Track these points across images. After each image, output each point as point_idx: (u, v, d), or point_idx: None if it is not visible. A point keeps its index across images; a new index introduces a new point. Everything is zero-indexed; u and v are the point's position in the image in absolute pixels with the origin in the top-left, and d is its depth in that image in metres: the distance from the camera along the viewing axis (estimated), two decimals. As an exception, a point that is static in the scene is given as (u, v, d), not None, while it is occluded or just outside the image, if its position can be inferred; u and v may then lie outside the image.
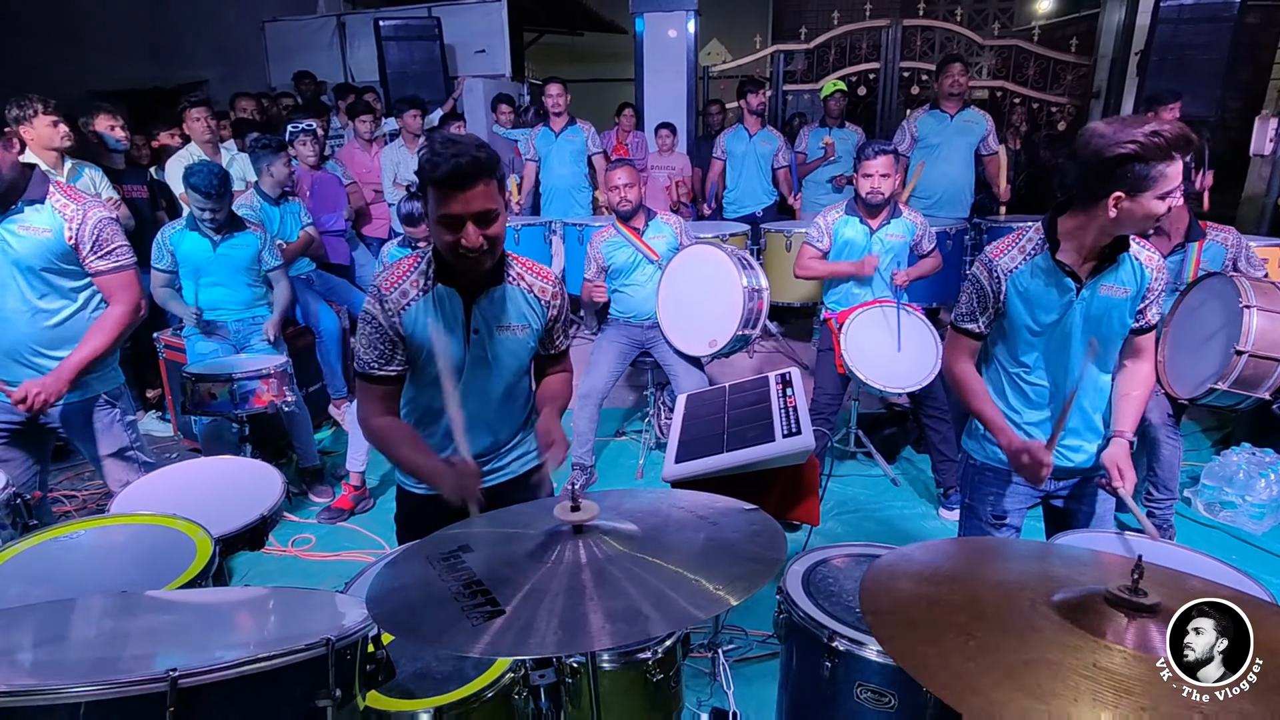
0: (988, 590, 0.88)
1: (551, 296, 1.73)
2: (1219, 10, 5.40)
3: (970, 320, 1.91)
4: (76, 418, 2.36)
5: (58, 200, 2.19)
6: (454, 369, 1.60)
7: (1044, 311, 1.83)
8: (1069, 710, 0.69)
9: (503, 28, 7.67)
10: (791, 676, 1.41)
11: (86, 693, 0.66)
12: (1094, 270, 1.78)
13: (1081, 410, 1.92)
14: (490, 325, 1.65)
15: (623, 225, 3.49)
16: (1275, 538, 3.34)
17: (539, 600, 0.83)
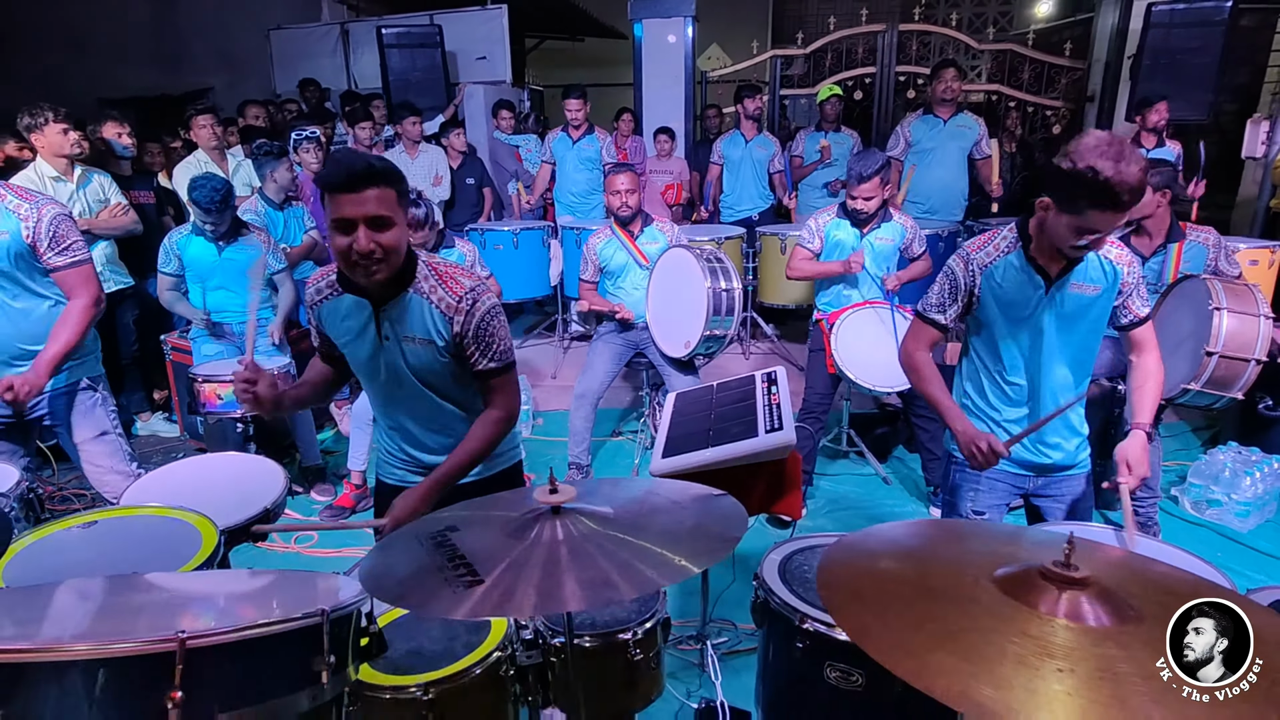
0: (937, 567, 0.95)
1: (455, 311, 1.64)
2: (1210, 14, 5.46)
3: (938, 311, 1.96)
4: (60, 404, 2.45)
5: (10, 201, 2.25)
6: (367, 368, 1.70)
7: (1016, 308, 1.87)
8: (994, 670, 0.76)
9: (503, 34, 7.76)
10: (767, 658, 1.48)
11: (103, 650, 0.73)
12: (1063, 270, 1.83)
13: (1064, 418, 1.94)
14: (397, 333, 1.65)
15: (619, 228, 3.56)
16: (1261, 535, 3.39)
17: (519, 571, 0.90)
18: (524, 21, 9.66)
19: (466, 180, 5.93)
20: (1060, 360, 1.92)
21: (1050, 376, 1.93)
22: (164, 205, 4.54)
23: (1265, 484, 3.39)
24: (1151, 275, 3.14)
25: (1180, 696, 0.73)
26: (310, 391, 1.86)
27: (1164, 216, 3.08)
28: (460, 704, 1.25)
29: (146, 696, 0.74)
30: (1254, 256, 4.34)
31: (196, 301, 3.56)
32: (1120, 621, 0.83)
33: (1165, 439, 4.27)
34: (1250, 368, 2.71)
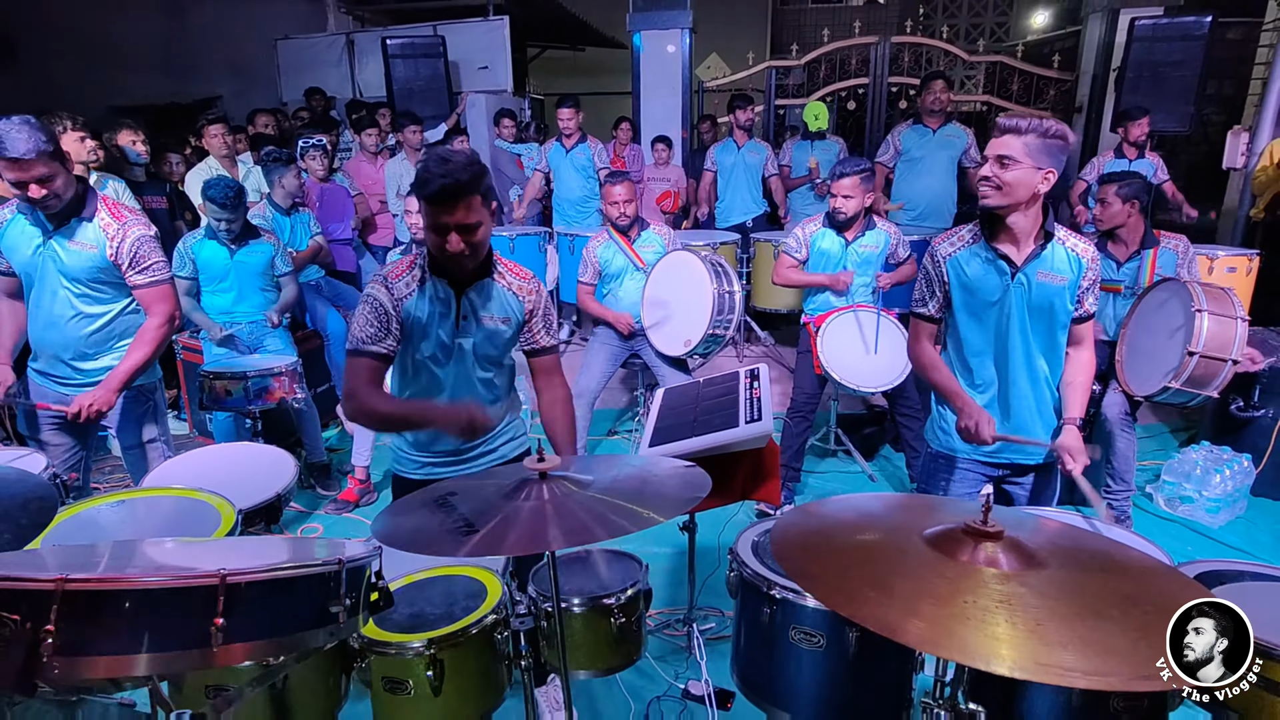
0: (876, 528, 1.09)
1: (529, 294, 1.94)
2: (1191, 29, 5.62)
3: (922, 305, 2.10)
4: (120, 406, 2.60)
5: (103, 218, 2.42)
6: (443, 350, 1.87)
7: (984, 293, 1.99)
8: (911, 603, 0.90)
9: (505, 44, 7.94)
10: (741, 626, 1.61)
11: (157, 581, 0.87)
12: (1028, 257, 1.94)
13: (1030, 404, 2.06)
14: (477, 313, 1.88)
15: (617, 233, 3.71)
16: (1232, 530, 3.52)
17: (509, 523, 1.05)
18: (525, 32, 9.85)
19: (468, 187, 6.08)
20: (1030, 348, 2.02)
21: (1019, 364, 2.02)
22: (177, 210, 4.69)
23: (1234, 481, 3.52)
24: (1129, 279, 3.28)
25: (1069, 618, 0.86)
26: None
27: (1137, 225, 3.22)
28: (458, 660, 1.39)
29: (194, 622, 0.88)
30: (1232, 264, 4.49)
31: (208, 303, 3.70)
32: (1026, 567, 0.97)
33: (1143, 439, 4.41)
34: (1227, 367, 2.84)
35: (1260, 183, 5.25)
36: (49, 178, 2.22)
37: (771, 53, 11.55)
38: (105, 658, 0.85)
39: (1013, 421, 2.08)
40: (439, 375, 1.91)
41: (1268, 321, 4.48)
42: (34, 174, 2.18)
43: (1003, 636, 0.84)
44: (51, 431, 2.53)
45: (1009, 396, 2.07)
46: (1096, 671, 0.77)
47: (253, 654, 0.93)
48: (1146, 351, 3.14)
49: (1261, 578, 1.51)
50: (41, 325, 2.47)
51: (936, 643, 0.85)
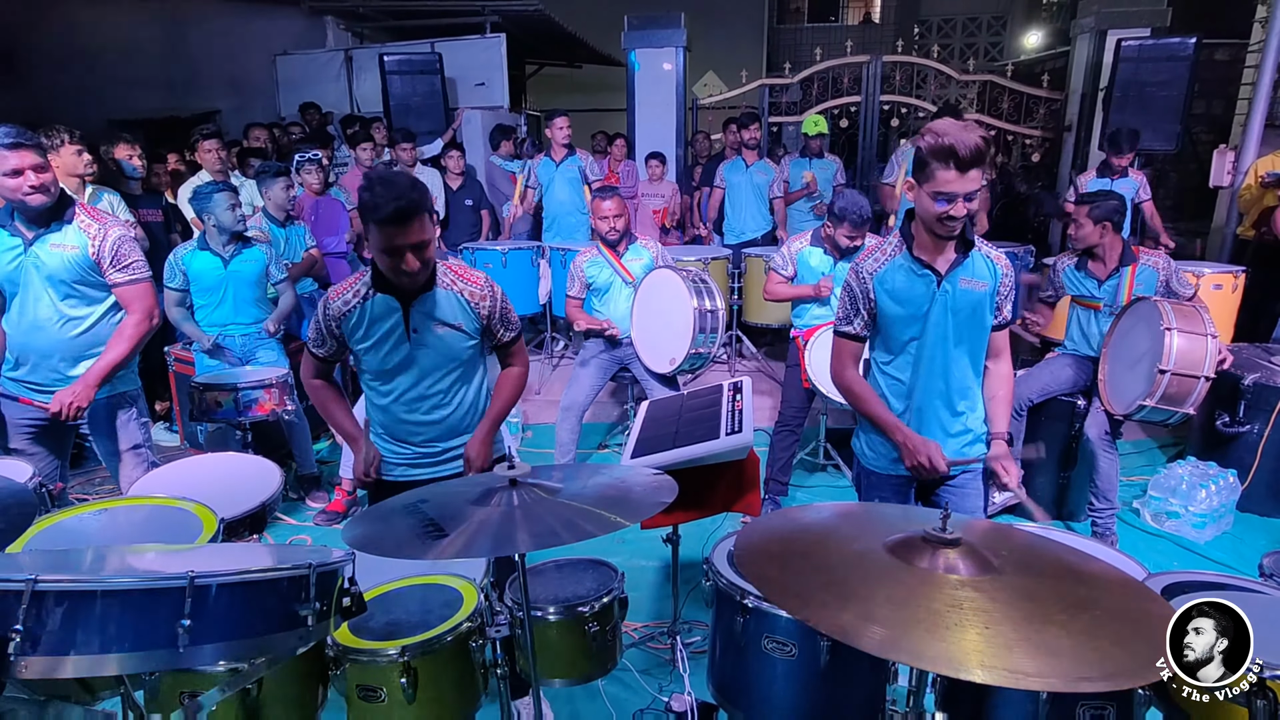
0: (837, 537, 1.11)
1: (480, 298, 2.02)
2: (1176, 50, 5.71)
3: (847, 324, 2.06)
4: (100, 414, 2.63)
5: (82, 220, 2.49)
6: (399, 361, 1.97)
7: (912, 305, 1.98)
8: (868, 608, 0.91)
9: (501, 62, 8.04)
10: (716, 635, 1.62)
11: (127, 582, 0.89)
12: (951, 265, 1.95)
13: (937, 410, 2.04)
14: (427, 324, 1.95)
15: (605, 247, 3.74)
16: (1218, 546, 3.53)
17: (479, 528, 1.07)
18: (522, 49, 9.96)
19: (465, 202, 6.14)
20: (956, 354, 2.01)
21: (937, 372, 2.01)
22: (171, 223, 4.73)
23: (1220, 496, 3.54)
24: (1108, 297, 3.31)
25: (1019, 621, 0.88)
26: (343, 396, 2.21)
27: (1114, 243, 3.26)
28: (433, 667, 1.40)
29: (162, 623, 0.89)
30: (1218, 281, 4.53)
31: (201, 316, 3.72)
32: (983, 573, 0.98)
33: (1131, 455, 4.43)
34: (1200, 384, 2.87)
35: (1246, 201, 5.31)
36: (42, 167, 2.33)
37: (766, 71, 11.67)
38: (73, 657, 0.87)
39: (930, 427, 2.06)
40: (402, 382, 2.01)
41: (1253, 338, 4.52)
42: (30, 161, 2.29)
43: (955, 640, 0.86)
44: (25, 440, 2.55)
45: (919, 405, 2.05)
46: (1040, 673, 0.78)
47: (221, 655, 0.94)
48: (1125, 370, 3.17)
49: (1226, 588, 1.53)
50: (25, 331, 2.50)
51: (892, 647, 0.87)
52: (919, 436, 1.98)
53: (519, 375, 2.19)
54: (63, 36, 7.80)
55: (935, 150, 1.77)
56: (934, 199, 1.82)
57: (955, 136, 1.75)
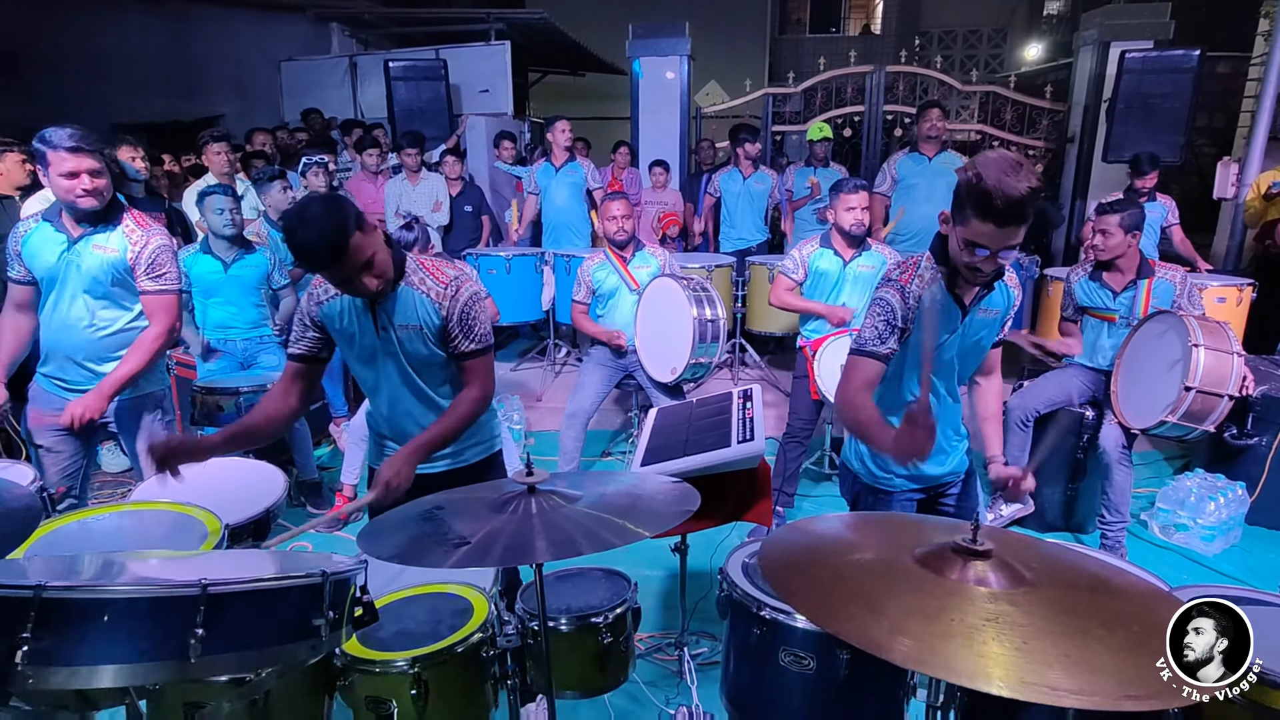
0: (863, 545, 1.08)
1: (444, 299, 1.89)
2: (1180, 62, 5.71)
3: (880, 343, 1.85)
4: (127, 414, 2.62)
5: (129, 226, 2.51)
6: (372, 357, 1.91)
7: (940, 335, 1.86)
8: (898, 621, 0.89)
9: (506, 69, 8.05)
10: (730, 647, 1.59)
11: (138, 590, 0.86)
12: (975, 298, 1.84)
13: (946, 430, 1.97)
14: (392, 322, 1.89)
15: (613, 253, 3.73)
16: (1227, 559, 3.50)
17: (497, 535, 1.05)
18: (527, 57, 9.99)
19: (465, 208, 6.13)
20: (951, 378, 1.95)
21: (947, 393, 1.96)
22: (174, 226, 4.71)
23: (1229, 509, 3.51)
24: (1124, 309, 3.28)
25: (1056, 636, 0.86)
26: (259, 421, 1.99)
27: (1134, 254, 3.23)
28: (443, 679, 1.37)
29: (173, 633, 0.86)
30: (1222, 294, 4.51)
31: (201, 318, 3.71)
32: (1015, 585, 0.96)
33: (1139, 466, 4.40)
34: (1224, 403, 2.83)
35: (1251, 214, 5.31)
36: (99, 173, 2.35)
37: (769, 80, 11.72)
38: (81, 668, 0.84)
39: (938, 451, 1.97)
40: (377, 378, 1.97)
41: (1259, 350, 4.50)
42: (88, 165, 2.31)
43: (990, 654, 0.83)
44: (56, 438, 2.53)
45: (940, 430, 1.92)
46: (1082, 690, 0.76)
47: (232, 666, 0.92)
48: (1143, 384, 3.13)
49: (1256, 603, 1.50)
50: (56, 329, 2.52)
51: (922, 660, 0.84)
52: None
53: (472, 400, 1.92)
54: (66, 40, 7.80)
55: (972, 193, 1.56)
56: (964, 247, 1.63)
57: (996, 179, 1.51)
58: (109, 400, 2.46)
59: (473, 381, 1.95)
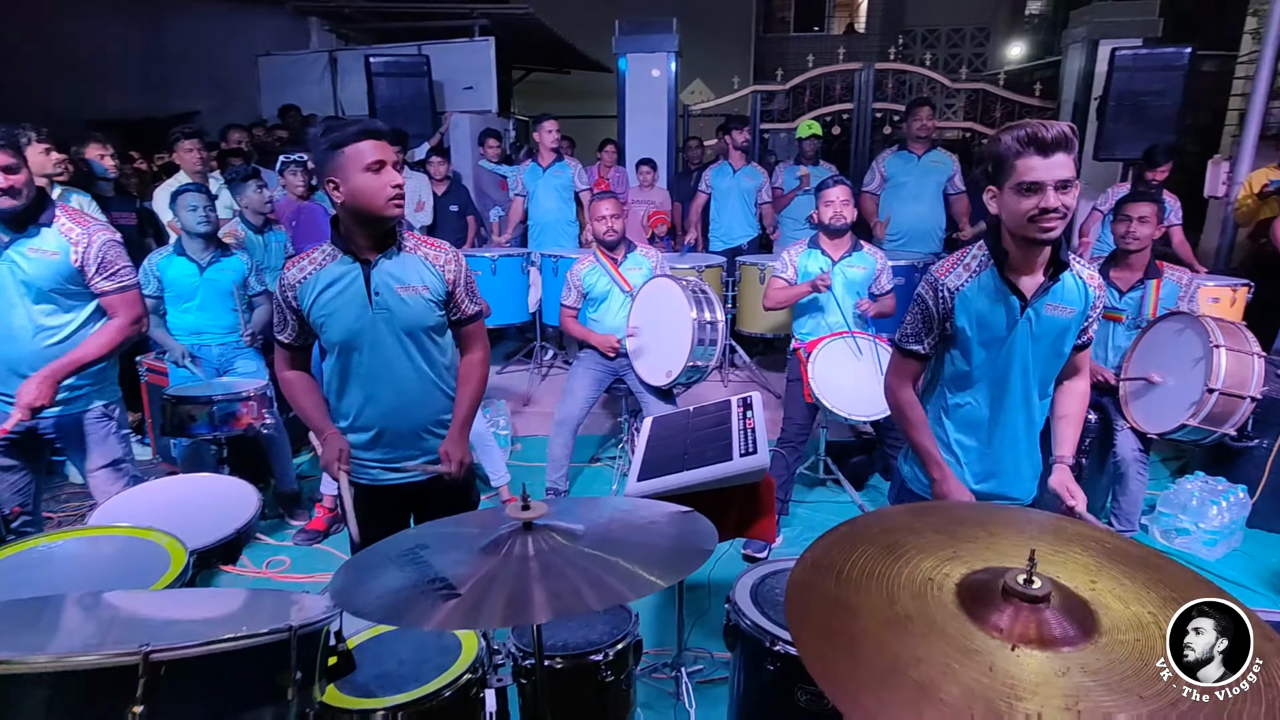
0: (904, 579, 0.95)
1: (445, 263, 1.95)
2: (1171, 60, 5.68)
3: (915, 341, 1.86)
4: (72, 429, 2.45)
5: (64, 223, 2.31)
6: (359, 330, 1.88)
7: (990, 330, 1.78)
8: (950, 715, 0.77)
9: (490, 65, 7.89)
10: (739, 682, 1.48)
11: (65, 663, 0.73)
12: (1039, 290, 1.76)
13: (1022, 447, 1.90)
14: (389, 286, 1.87)
15: (603, 255, 3.61)
16: (1228, 563, 3.45)
17: (490, 584, 0.92)
18: (511, 54, 9.82)
19: (450, 207, 5.98)
20: (1029, 388, 1.85)
21: (1016, 406, 1.86)
22: (145, 227, 4.53)
23: (1231, 513, 3.46)
24: (1131, 309, 3.20)
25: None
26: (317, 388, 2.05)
27: (1148, 252, 3.14)
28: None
29: (108, 710, 0.74)
30: (1215, 294, 4.45)
31: (175, 322, 3.54)
32: (1085, 635, 0.84)
33: (1136, 469, 4.35)
34: (1245, 405, 2.75)
35: (1243, 213, 5.28)
36: (13, 168, 2.17)
37: (755, 78, 11.62)
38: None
39: (1004, 463, 1.92)
40: (361, 357, 1.92)
41: (1255, 351, 4.45)
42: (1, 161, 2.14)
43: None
44: (4, 456, 2.36)
45: (1002, 440, 1.90)
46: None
47: (181, 743, 0.79)
48: (1158, 387, 3.03)
49: None
50: None
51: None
52: (955, 482, 1.83)
53: (482, 361, 2.07)
54: (36, 33, 7.55)
55: (1014, 141, 1.58)
56: (1019, 193, 1.60)
57: (1033, 123, 1.59)
58: (57, 385, 2.24)
59: (476, 345, 2.05)
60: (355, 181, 1.78)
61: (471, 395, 2.04)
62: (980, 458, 1.91)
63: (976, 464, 1.91)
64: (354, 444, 1.99)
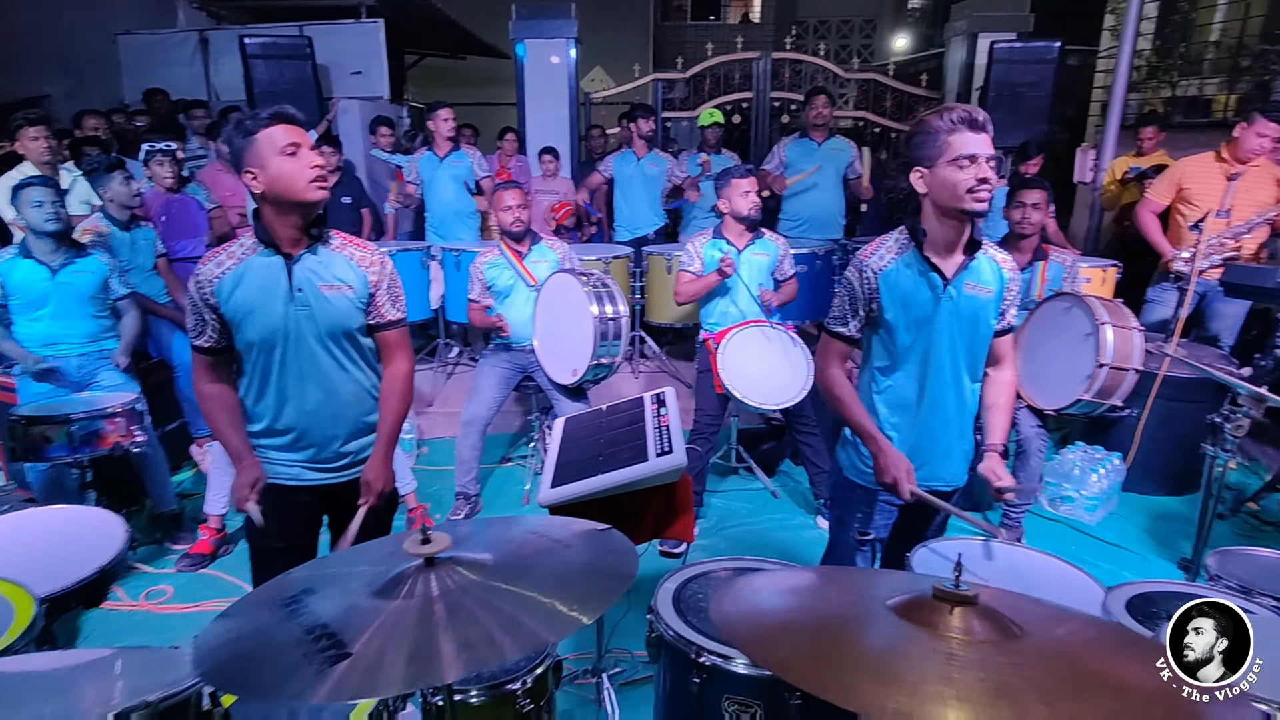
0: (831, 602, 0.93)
1: (371, 264, 1.87)
2: (1042, 53, 6.04)
3: (841, 324, 1.91)
4: None
5: None
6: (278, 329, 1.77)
7: (916, 309, 1.84)
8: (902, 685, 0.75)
9: (379, 49, 7.50)
10: (664, 693, 1.43)
11: None
12: (958, 269, 1.82)
13: (954, 427, 1.94)
14: (312, 282, 1.79)
15: (507, 247, 3.48)
16: (1107, 526, 3.70)
17: (388, 637, 0.81)
18: (403, 37, 9.39)
19: (343, 199, 5.64)
20: (957, 367, 1.90)
21: (945, 384, 1.91)
22: (-17, 226, 4.04)
23: (1109, 479, 3.71)
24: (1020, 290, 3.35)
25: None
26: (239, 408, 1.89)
27: (1035, 237, 3.30)
28: (328, 779, 1.13)
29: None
30: (1088, 274, 4.76)
31: (25, 331, 3.16)
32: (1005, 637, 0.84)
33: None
34: (1131, 376, 2.92)
35: (1108, 198, 5.68)
36: None
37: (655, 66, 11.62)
38: None
39: (936, 443, 1.96)
40: (280, 357, 1.79)
41: (1123, 327, 4.79)
42: None
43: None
44: None
45: (931, 420, 1.94)
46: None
47: None
48: (1048, 364, 3.17)
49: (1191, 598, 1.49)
50: None
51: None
52: (895, 453, 1.84)
53: (405, 376, 1.95)
54: None
55: (947, 121, 1.69)
56: (957, 167, 1.68)
57: (960, 106, 1.71)
58: None
59: (398, 355, 1.95)
60: (272, 168, 1.69)
61: (394, 413, 1.92)
62: (910, 439, 1.94)
63: (906, 446, 1.93)
64: (272, 446, 1.89)
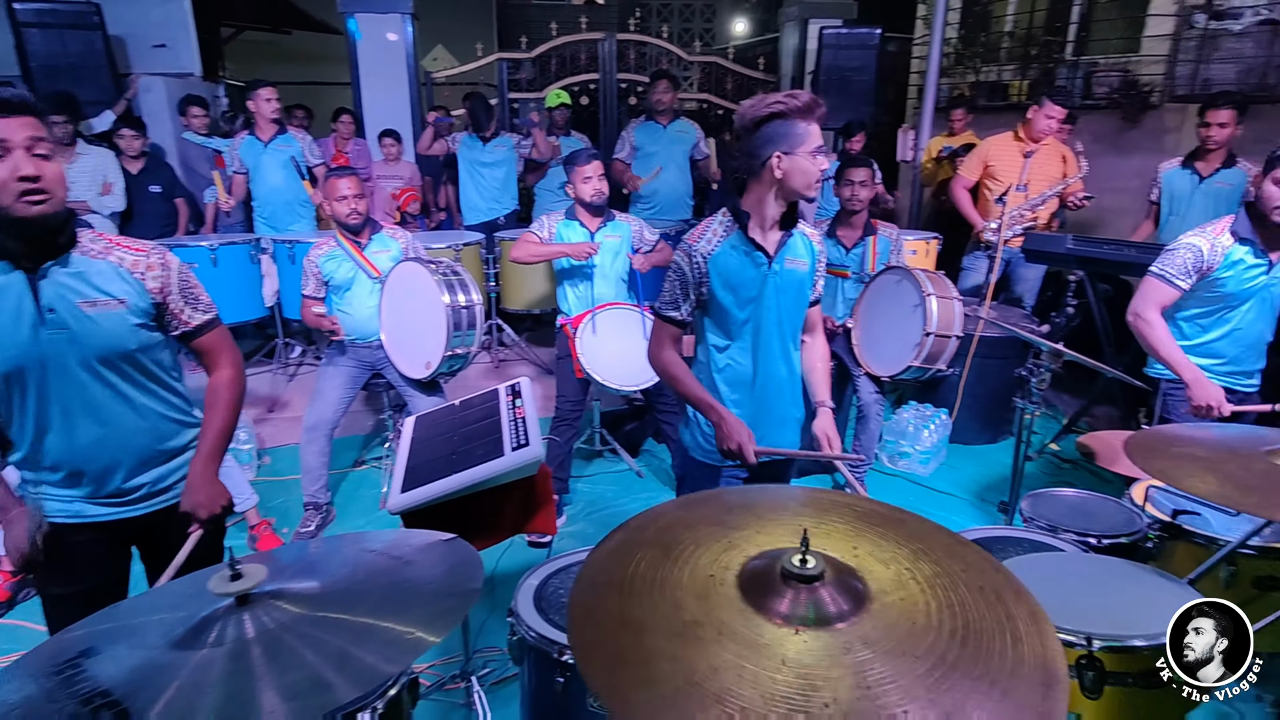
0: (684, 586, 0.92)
1: (147, 268, 1.59)
2: (865, 39, 6.45)
3: (673, 308, 1.96)
4: None
5: None
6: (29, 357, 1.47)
7: (744, 289, 1.91)
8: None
9: (186, 20, 6.76)
10: (530, 695, 1.40)
11: None
12: (778, 245, 1.91)
13: (787, 394, 2.05)
14: (67, 300, 1.49)
15: (344, 238, 3.25)
16: (939, 477, 4.05)
17: (192, 697, 0.69)
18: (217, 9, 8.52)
19: (150, 188, 5.06)
20: (784, 338, 2.01)
21: (776, 355, 2.01)
22: None
23: (938, 434, 4.06)
24: (854, 264, 3.55)
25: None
26: None
27: (865, 213, 3.49)
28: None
29: None
30: (914, 246, 5.17)
31: None
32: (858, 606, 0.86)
33: (862, 404, 4.96)
34: (953, 342, 3.19)
35: (926, 175, 6.17)
36: None
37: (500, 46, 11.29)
38: None
39: (773, 413, 2.06)
40: (35, 389, 1.50)
41: (944, 294, 5.24)
42: None
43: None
44: None
45: (766, 391, 2.04)
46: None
47: None
48: (882, 334, 3.41)
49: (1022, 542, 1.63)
50: None
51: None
52: (736, 420, 1.88)
53: (231, 382, 1.73)
54: None
55: (797, 109, 1.74)
56: (812, 156, 1.77)
57: (808, 95, 1.76)
58: None
59: (221, 360, 1.73)
60: None
61: (216, 428, 1.69)
62: (750, 412, 2.01)
63: (746, 419, 1.98)
64: (41, 480, 1.63)
